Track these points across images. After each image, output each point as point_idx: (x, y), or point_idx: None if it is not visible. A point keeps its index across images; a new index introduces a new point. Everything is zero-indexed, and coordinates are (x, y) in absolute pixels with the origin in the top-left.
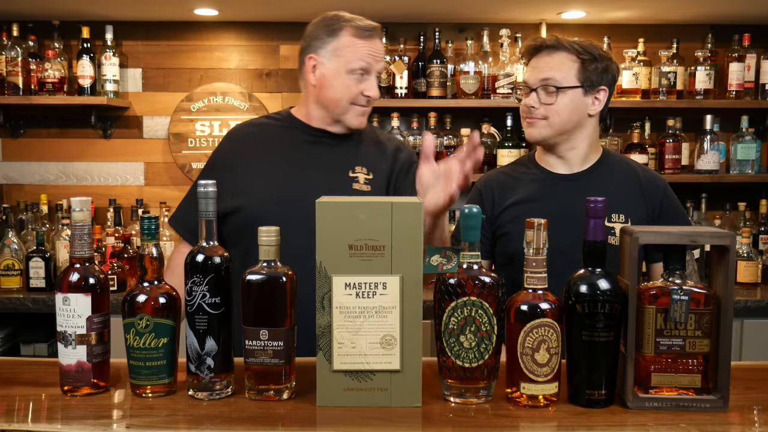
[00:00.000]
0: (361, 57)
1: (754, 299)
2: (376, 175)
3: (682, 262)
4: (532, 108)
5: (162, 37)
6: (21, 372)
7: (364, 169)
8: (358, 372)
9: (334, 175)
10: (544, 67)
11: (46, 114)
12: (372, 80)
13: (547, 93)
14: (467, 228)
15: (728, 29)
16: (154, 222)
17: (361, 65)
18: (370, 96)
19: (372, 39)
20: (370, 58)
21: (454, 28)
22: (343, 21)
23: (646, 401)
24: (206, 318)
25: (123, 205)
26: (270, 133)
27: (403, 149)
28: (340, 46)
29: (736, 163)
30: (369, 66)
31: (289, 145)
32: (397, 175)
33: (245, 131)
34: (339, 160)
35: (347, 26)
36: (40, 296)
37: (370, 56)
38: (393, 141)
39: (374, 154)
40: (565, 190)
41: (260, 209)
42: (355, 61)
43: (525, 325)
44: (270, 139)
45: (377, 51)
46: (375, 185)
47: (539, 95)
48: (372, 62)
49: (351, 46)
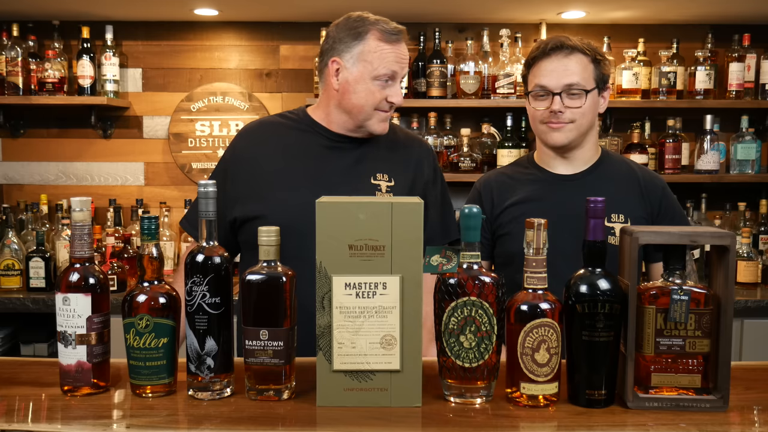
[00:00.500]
0: (387, 63)
1: (754, 299)
2: (397, 183)
3: (682, 262)
4: (559, 113)
5: (162, 37)
6: (21, 372)
7: (386, 176)
8: (358, 372)
9: (357, 183)
10: (565, 71)
11: (46, 114)
12: (396, 86)
13: (571, 97)
14: (467, 228)
15: (728, 29)
16: (154, 222)
17: (387, 72)
18: (394, 102)
19: (399, 43)
20: (396, 65)
21: (454, 28)
22: (369, 24)
23: (646, 401)
24: (206, 318)
25: (123, 205)
26: (288, 135)
27: (427, 154)
28: (365, 50)
29: (736, 163)
30: (395, 72)
31: (309, 149)
32: (425, 185)
33: (261, 131)
34: (361, 167)
35: (373, 29)
36: (40, 296)
37: (397, 62)
38: (415, 144)
39: (396, 160)
40: (565, 190)
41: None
42: (382, 67)
43: (525, 325)
44: (288, 142)
45: (404, 56)
46: (397, 193)
47: (563, 99)
48: (398, 69)
49: (377, 51)
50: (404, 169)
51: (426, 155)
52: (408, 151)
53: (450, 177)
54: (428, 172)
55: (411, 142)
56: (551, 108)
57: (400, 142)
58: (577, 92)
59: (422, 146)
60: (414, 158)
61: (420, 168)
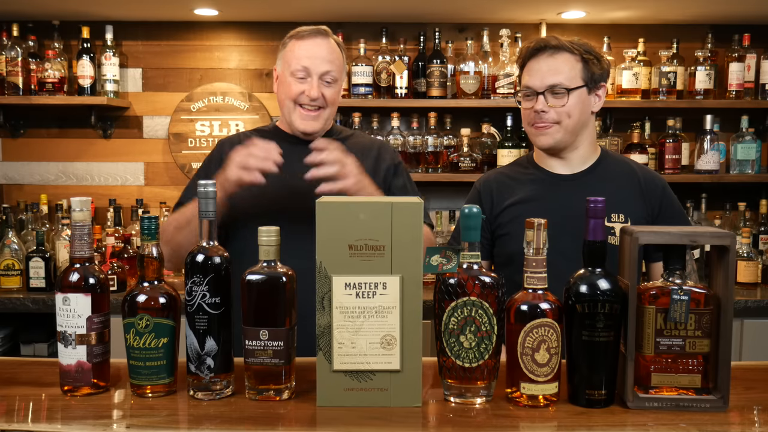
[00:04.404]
0: (298, 58)
1: (754, 299)
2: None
3: (682, 262)
4: (542, 113)
5: (162, 37)
6: (21, 372)
7: None
8: (358, 372)
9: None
10: (549, 70)
11: (46, 114)
12: (313, 81)
13: (555, 96)
14: (467, 228)
15: (728, 29)
16: (154, 222)
17: (299, 67)
18: (310, 96)
19: (311, 39)
20: (306, 60)
21: (454, 28)
22: (293, 33)
23: (646, 401)
24: (206, 318)
25: (123, 205)
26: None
27: (386, 151)
28: (285, 52)
29: (736, 163)
30: (307, 67)
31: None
32: (384, 177)
33: (237, 140)
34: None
35: (294, 35)
36: (40, 296)
37: (307, 58)
38: (375, 143)
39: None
40: (565, 190)
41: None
42: (294, 63)
43: (525, 325)
44: None
45: (317, 54)
46: None
47: (547, 98)
48: (309, 63)
49: (291, 50)
50: (362, 159)
51: (385, 149)
52: (368, 149)
53: (450, 177)
54: (388, 167)
55: (372, 143)
56: (534, 108)
57: (360, 143)
58: (560, 92)
59: (382, 145)
60: (373, 154)
61: (379, 163)
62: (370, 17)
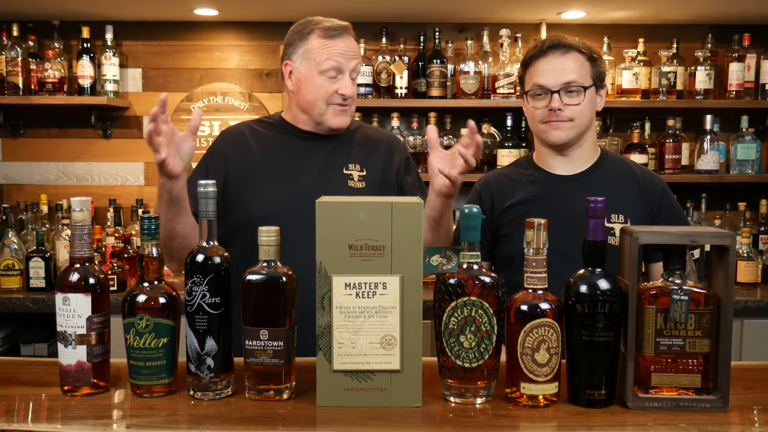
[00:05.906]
0: (330, 57)
1: (754, 299)
2: (369, 171)
3: (682, 262)
4: (558, 111)
5: (162, 37)
6: (21, 372)
7: (357, 166)
8: (358, 372)
9: (329, 174)
10: (563, 68)
11: (46, 114)
12: (346, 79)
13: (569, 94)
14: (467, 228)
15: (728, 29)
16: (154, 222)
17: (332, 65)
18: (345, 94)
19: (340, 38)
20: (340, 57)
21: (454, 28)
22: (312, 24)
23: (646, 401)
24: (206, 318)
25: (123, 205)
26: (265, 135)
27: (397, 145)
28: (309, 48)
29: (736, 163)
30: (340, 65)
31: (285, 147)
32: (397, 172)
33: (240, 132)
34: (333, 160)
35: (315, 29)
36: (40, 296)
37: (340, 55)
38: (384, 135)
39: (366, 151)
40: (565, 190)
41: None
42: (325, 61)
43: (525, 325)
44: (266, 141)
45: (347, 49)
46: (368, 181)
47: (561, 97)
48: (342, 61)
49: (320, 48)
50: (375, 159)
51: (396, 146)
52: (378, 142)
53: None
54: (399, 161)
55: (381, 135)
56: (550, 106)
57: (369, 136)
58: (575, 89)
59: (392, 138)
60: (384, 148)
61: (391, 157)
62: (370, 17)
